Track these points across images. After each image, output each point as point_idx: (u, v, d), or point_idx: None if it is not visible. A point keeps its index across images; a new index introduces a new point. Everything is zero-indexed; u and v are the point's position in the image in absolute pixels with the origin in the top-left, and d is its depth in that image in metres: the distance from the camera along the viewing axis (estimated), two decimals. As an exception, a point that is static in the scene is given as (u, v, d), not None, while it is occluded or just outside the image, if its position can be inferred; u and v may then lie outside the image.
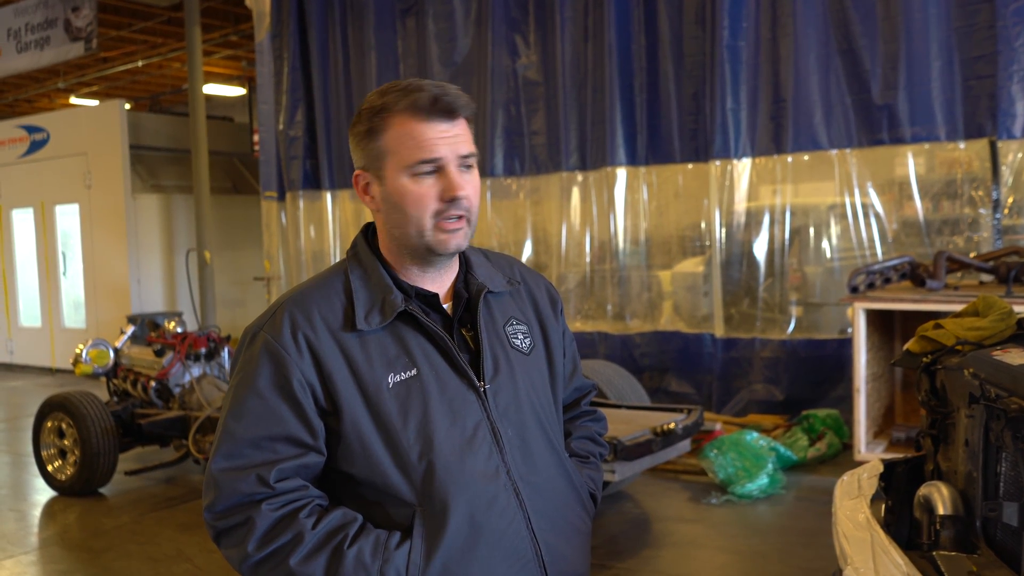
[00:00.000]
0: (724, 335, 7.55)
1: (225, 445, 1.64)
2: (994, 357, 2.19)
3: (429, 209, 1.65)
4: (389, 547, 1.59)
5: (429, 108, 1.64)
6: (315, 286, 1.73)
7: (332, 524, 1.61)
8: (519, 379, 1.77)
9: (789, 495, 5.73)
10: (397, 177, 1.66)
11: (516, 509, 1.69)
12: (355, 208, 9.92)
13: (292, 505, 1.62)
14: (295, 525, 1.59)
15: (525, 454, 1.73)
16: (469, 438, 1.67)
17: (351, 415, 1.63)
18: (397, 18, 9.36)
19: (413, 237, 1.68)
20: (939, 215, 6.83)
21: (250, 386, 1.64)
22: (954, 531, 2.23)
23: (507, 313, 1.83)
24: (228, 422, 1.65)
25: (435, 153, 1.64)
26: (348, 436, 1.63)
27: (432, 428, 1.64)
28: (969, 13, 6.47)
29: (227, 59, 15.44)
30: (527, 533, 1.69)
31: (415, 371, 1.67)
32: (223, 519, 1.63)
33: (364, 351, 1.65)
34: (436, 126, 1.65)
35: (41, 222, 13.45)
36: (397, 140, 1.65)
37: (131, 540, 5.42)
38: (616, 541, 5.04)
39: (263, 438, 1.63)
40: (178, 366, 6.74)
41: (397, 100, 1.65)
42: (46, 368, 13.44)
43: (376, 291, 1.69)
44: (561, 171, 8.33)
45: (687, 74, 7.65)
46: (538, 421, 1.78)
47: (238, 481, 1.61)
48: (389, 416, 1.63)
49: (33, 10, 12.27)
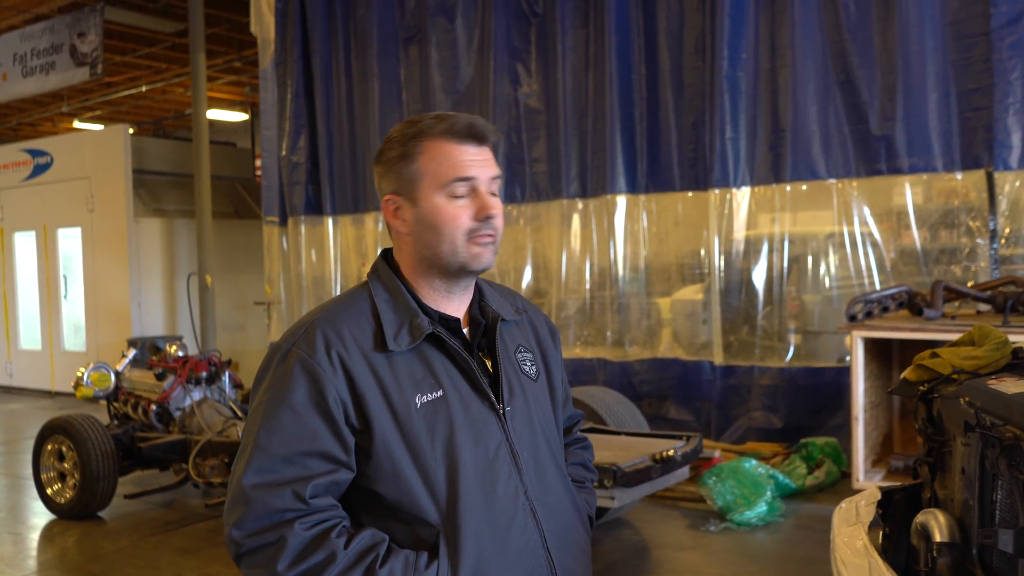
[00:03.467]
0: (723, 362, 7.57)
1: (257, 460, 1.64)
2: (989, 386, 2.22)
3: (463, 227, 1.73)
4: (419, 567, 1.63)
5: (464, 133, 1.74)
6: (343, 306, 1.77)
7: (363, 544, 1.63)
8: (531, 403, 1.84)
9: (788, 523, 5.74)
10: (432, 197, 1.74)
11: (533, 529, 1.75)
12: (356, 234, 9.97)
13: (324, 524, 1.63)
14: (327, 545, 1.60)
15: (539, 475, 1.80)
16: (492, 459, 1.73)
17: (382, 434, 1.66)
18: (400, 46, 9.45)
19: (446, 255, 1.74)
20: (936, 244, 6.88)
21: (285, 401, 1.65)
22: (951, 558, 2.25)
23: (516, 340, 1.91)
24: (260, 437, 1.65)
25: (469, 172, 1.73)
26: (379, 455, 1.66)
27: (457, 449, 1.69)
28: (966, 46, 6.55)
29: (230, 85, 15.58)
30: (543, 552, 1.76)
31: (441, 392, 1.71)
32: (253, 537, 1.62)
33: (392, 371, 1.69)
34: (469, 149, 1.75)
35: (43, 245, 13.50)
36: (433, 161, 1.73)
37: (130, 564, 5.42)
38: (615, 568, 5.04)
39: (297, 454, 1.64)
40: (179, 390, 6.75)
41: (433, 125, 1.75)
42: (45, 391, 13.43)
43: (403, 313, 1.74)
44: (562, 198, 8.39)
45: (687, 103, 7.73)
46: (547, 444, 1.86)
47: (272, 497, 1.62)
48: (418, 436, 1.67)
49: (39, 35, 12.38)
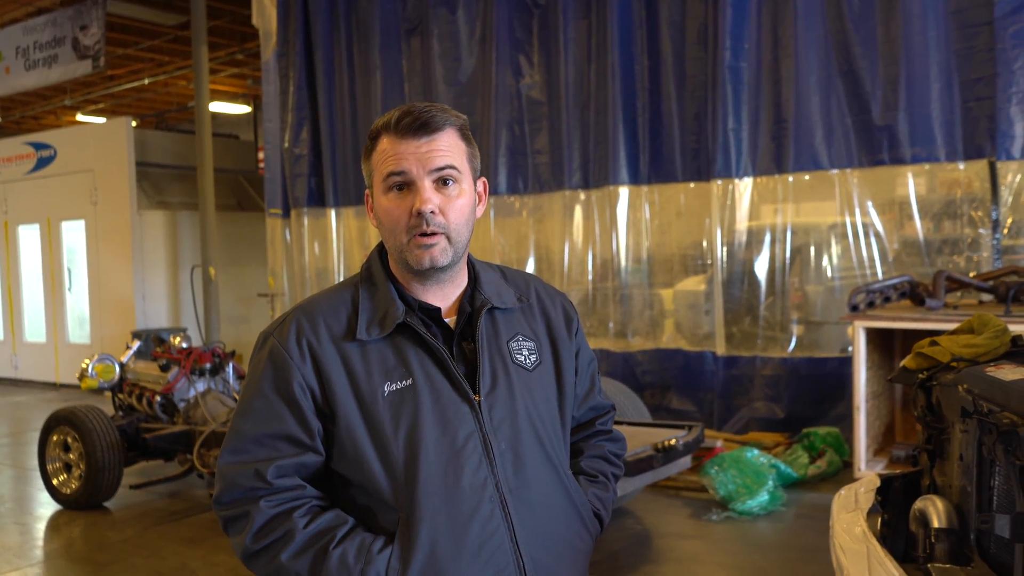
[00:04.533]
0: (725, 353, 7.59)
1: (232, 441, 1.75)
2: (987, 373, 2.24)
3: (401, 223, 1.71)
4: (372, 551, 1.65)
5: (403, 126, 1.71)
6: (325, 297, 1.83)
7: (322, 525, 1.69)
8: (518, 394, 1.79)
9: (789, 512, 5.76)
10: (380, 194, 1.75)
11: (500, 521, 1.71)
12: (359, 225, 9.99)
13: (289, 504, 1.71)
14: (287, 523, 1.68)
15: (518, 468, 1.75)
16: (459, 449, 1.70)
17: (345, 419, 1.70)
18: (402, 38, 9.46)
19: (395, 252, 1.76)
20: (939, 235, 6.88)
21: (256, 387, 1.75)
22: (949, 544, 2.27)
23: (513, 329, 1.86)
24: (236, 420, 1.77)
25: (400, 167, 1.70)
26: (342, 439, 1.71)
27: (420, 436, 1.69)
28: (968, 36, 6.54)
29: (233, 77, 15.58)
30: (510, 546, 1.71)
31: (410, 381, 1.72)
32: (227, 510, 1.74)
33: (364, 360, 1.73)
34: (408, 141, 1.70)
35: (47, 238, 13.55)
36: (377, 158, 1.74)
37: (136, 553, 5.46)
38: (617, 557, 5.06)
39: (265, 435, 1.72)
40: (183, 381, 6.78)
41: (385, 121, 1.75)
42: (50, 383, 13.49)
43: (381, 304, 1.76)
44: (564, 189, 8.40)
45: (689, 94, 7.73)
46: (536, 436, 1.79)
47: (239, 475, 1.72)
48: (382, 424, 1.69)
49: (41, 28, 12.39)
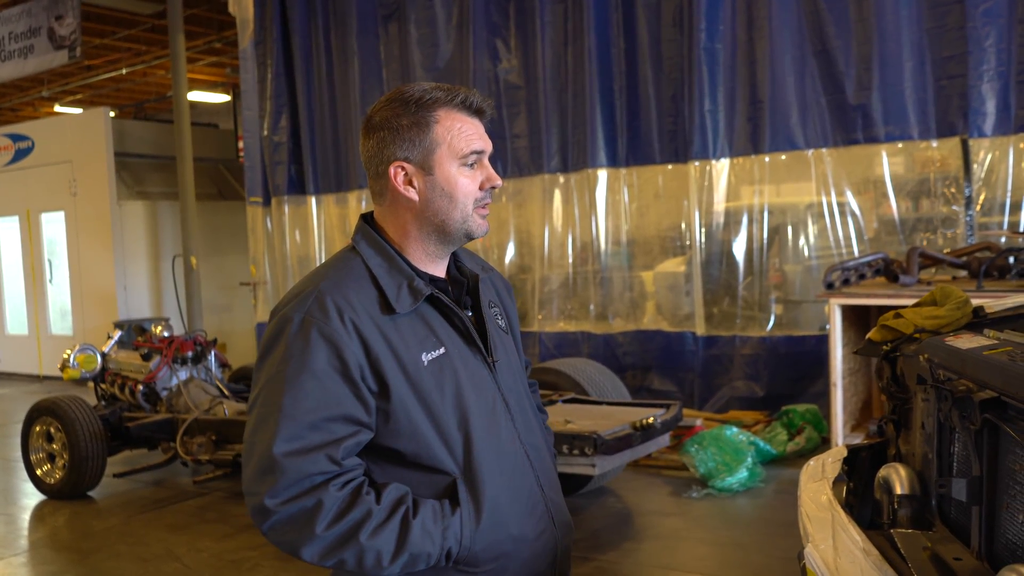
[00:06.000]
0: (705, 333, 7.66)
1: (286, 428, 1.67)
2: (946, 343, 2.29)
3: (471, 195, 1.83)
4: (446, 514, 1.74)
5: (477, 107, 1.86)
6: (342, 273, 1.81)
7: (392, 497, 1.72)
8: (509, 354, 1.98)
9: (768, 488, 5.84)
10: (447, 166, 1.81)
11: (529, 470, 1.90)
12: (339, 212, 9.99)
13: (353, 483, 1.71)
14: (361, 502, 1.69)
15: (524, 420, 1.94)
16: (491, 409, 1.85)
17: (398, 393, 1.74)
18: (379, 24, 9.45)
19: (456, 222, 1.83)
20: (914, 213, 6.96)
21: (307, 369, 1.69)
22: (911, 510, 2.33)
23: (487, 296, 1.99)
24: (286, 405, 1.68)
25: (483, 146, 1.85)
26: (396, 413, 1.75)
27: (465, 402, 1.80)
28: (940, 14, 6.60)
29: (211, 66, 15.50)
30: (538, 490, 1.91)
31: (443, 349, 1.81)
32: (289, 503, 1.67)
33: (399, 333, 1.76)
34: (475, 121, 1.86)
35: (27, 230, 13.48)
36: (449, 132, 1.81)
37: (120, 541, 5.49)
38: (598, 535, 5.13)
39: (323, 419, 1.69)
40: (165, 370, 6.80)
41: (448, 97, 1.83)
42: (33, 376, 13.45)
43: (398, 277, 1.80)
44: (543, 173, 8.43)
45: (665, 76, 7.77)
46: (524, 390, 2.01)
47: (306, 463, 1.67)
48: (429, 393, 1.76)
49: (16, 19, 12.31)
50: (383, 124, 1.83)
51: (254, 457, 1.70)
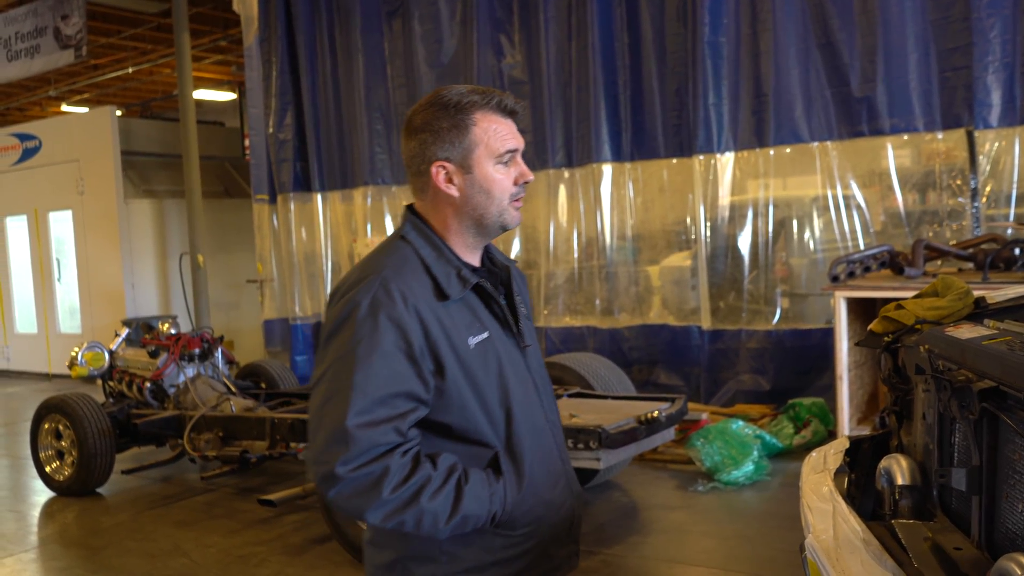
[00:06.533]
0: (711, 327, 7.65)
1: (358, 402, 1.80)
2: (946, 333, 2.29)
3: (508, 191, 1.97)
4: (492, 481, 1.90)
5: (500, 106, 1.96)
6: (400, 262, 1.94)
7: (446, 464, 1.87)
8: (534, 340, 2.15)
9: (774, 481, 5.84)
10: (486, 165, 1.94)
11: (553, 446, 2.08)
12: (345, 209, 10.01)
13: (412, 452, 1.85)
14: (422, 468, 1.83)
15: (549, 400, 2.13)
16: (527, 390, 2.03)
17: (451, 372, 1.89)
18: (383, 20, 9.45)
19: (494, 217, 1.97)
20: (920, 205, 6.94)
21: (378, 349, 1.82)
22: (912, 500, 2.33)
23: (516, 286, 2.15)
24: (358, 381, 1.81)
25: (518, 145, 1.98)
26: (449, 391, 1.89)
27: (507, 383, 1.97)
28: (944, 6, 6.58)
29: (217, 64, 15.51)
30: (559, 463, 2.09)
31: (487, 334, 1.97)
32: (360, 469, 1.79)
33: (450, 317, 1.91)
34: (509, 122, 1.98)
35: (35, 229, 13.54)
36: (486, 134, 1.94)
37: (129, 537, 5.52)
38: (604, 528, 5.14)
39: (390, 395, 1.83)
40: (172, 367, 6.83)
41: (484, 100, 1.95)
42: (43, 374, 13.51)
43: (447, 267, 1.95)
44: (548, 168, 8.43)
45: (670, 71, 7.76)
46: (546, 374, 2.19)
47: (377, 433, 1.80)
48: (476, 373, 1.92)
49: (23, 19, 12.34)
50: (424, 126, 1.95)
51: (323, 429, 1.82)
